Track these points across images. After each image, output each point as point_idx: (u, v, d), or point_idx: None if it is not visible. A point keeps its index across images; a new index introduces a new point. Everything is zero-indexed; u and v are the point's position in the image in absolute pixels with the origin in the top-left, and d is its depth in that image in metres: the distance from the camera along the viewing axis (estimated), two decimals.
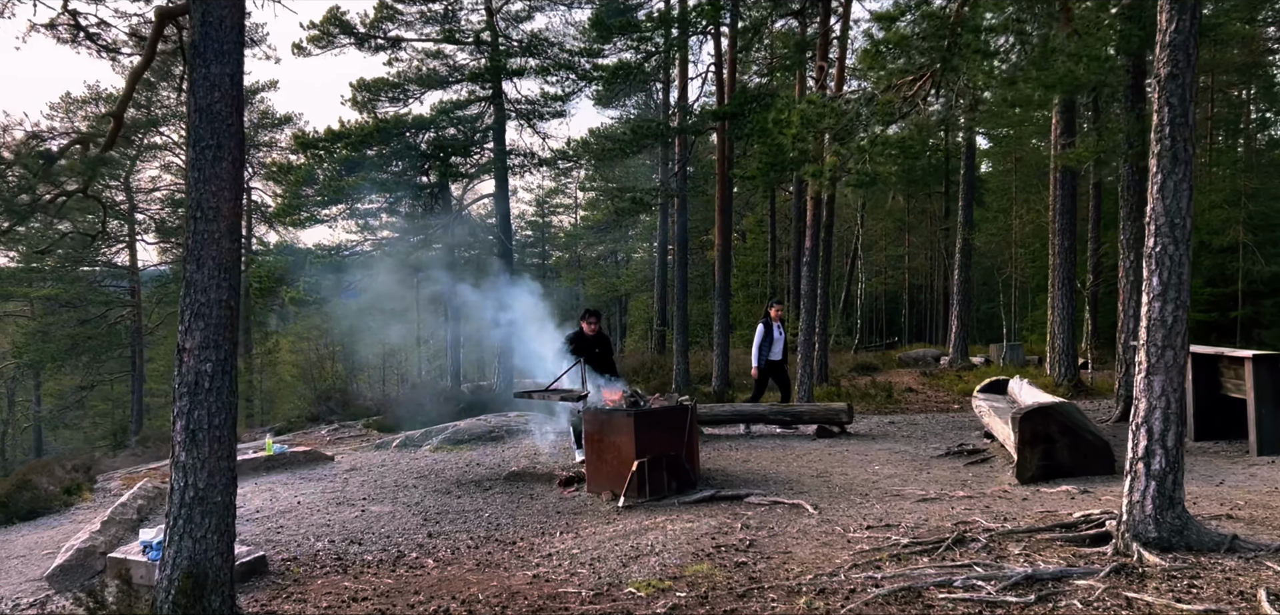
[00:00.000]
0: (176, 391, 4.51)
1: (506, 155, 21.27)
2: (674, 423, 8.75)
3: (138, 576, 6.43)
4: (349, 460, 11.77)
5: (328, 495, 9.42)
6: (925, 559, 5.69)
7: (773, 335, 13.37)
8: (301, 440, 15.16)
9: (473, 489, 9.38)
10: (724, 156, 18.92)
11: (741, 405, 12.71)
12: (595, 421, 8.86)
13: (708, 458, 10.44)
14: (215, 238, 4.48)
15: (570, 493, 8.98)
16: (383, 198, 21.86)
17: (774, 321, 13.45)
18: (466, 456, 11.44)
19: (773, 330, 13.37)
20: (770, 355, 13.36)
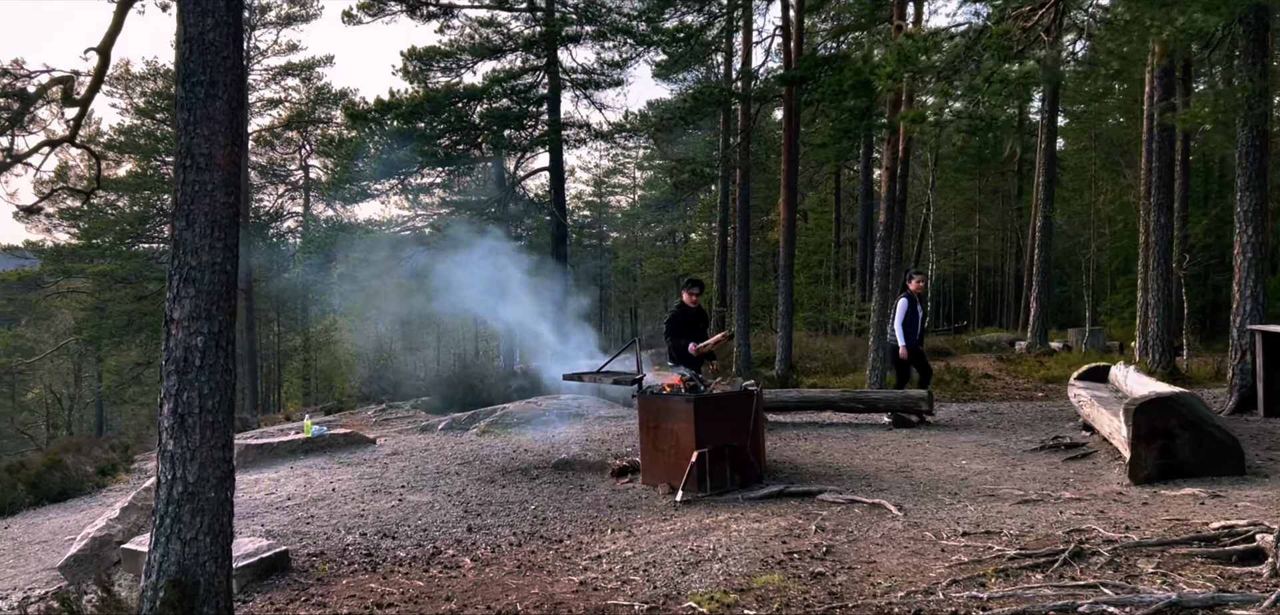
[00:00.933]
0: (163, 370, 3.92)
1: (562, 127, 20.62)
2: (738, 410, 8.02)
3: None
4: (392, 443, 11.26)
5: (365, 482, 8.88)
6: (1038, 575, 4.89)
7: (917, 311, 11.67)
8: (348, 421, 14.75)
9: (518, 477, 8.77)
10: (791, 125, 17.99)
11: (809, 390, 11.88)
12: (650, 408, 8.17)
13: (774, 448, 9.69)
14: (207, 190, 3.87)
15: (624, 484, 8.31)
16: (434, 172, 21.38)
17: (916, 296, 11.75)
18: (514, 441, 10.85)
19: (917, 305, 11.67)
20: (915, 338, 11.72)
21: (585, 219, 58.73)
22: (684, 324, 9.42)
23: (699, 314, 9.62)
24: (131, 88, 38.17)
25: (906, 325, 11.51)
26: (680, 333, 9.36)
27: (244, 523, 7.58)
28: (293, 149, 41.79)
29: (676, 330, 9.41)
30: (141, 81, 37.88)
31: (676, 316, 9.54)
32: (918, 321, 11.63)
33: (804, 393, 11.56)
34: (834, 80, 12.64)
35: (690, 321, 9.43)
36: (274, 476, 9.35)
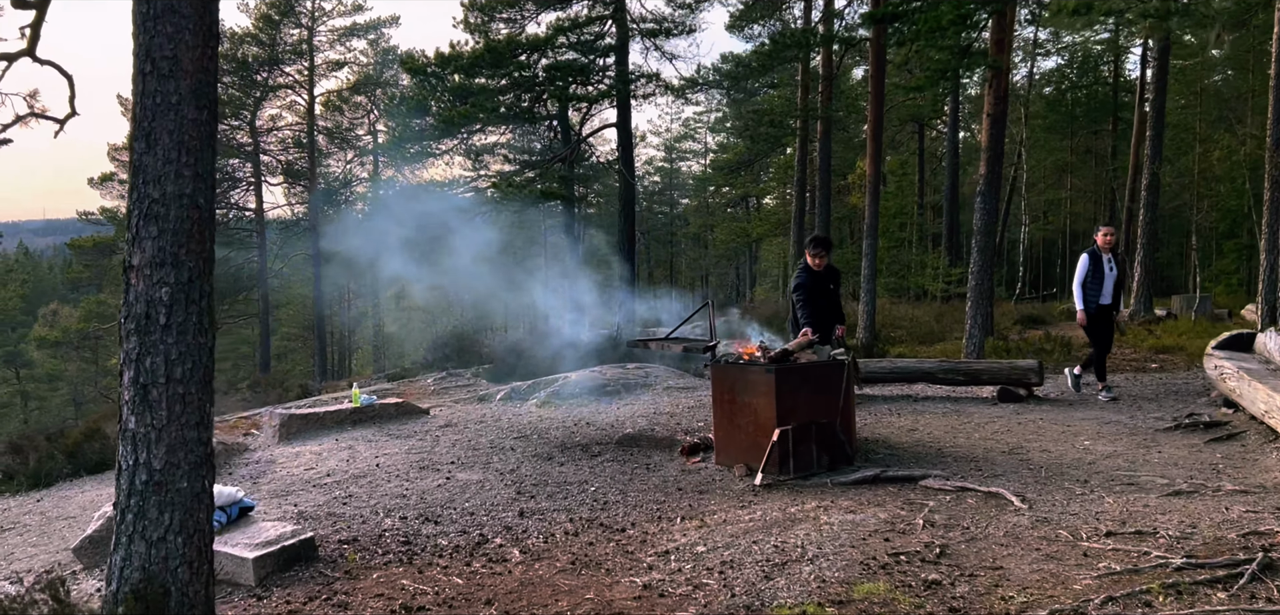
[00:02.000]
0: (122, 328, 3.17)
1: (629, 79, 19.67)
2: (826, 382, 7.10)
3: None
4: (446, 413, 10.60)
5: (412, 457, 8.20)
6: (1220, 593, 3.92)
7: (1102, 269, 9.89)
8: (406, 389, 14.20)
9: (578, 455, 7.99)
10: (878, 69, 16.69)
11: (902, 360, 10.84)
12: (725, 379, 7.30)
13: (864, 424, 8.75)
14: (172, 103, 3.10)
15: (695, 464, 7.47)
16: (498, 131, 20.69)
17: (1104, 252, 9.96)
18: (575, 413, 10.08)
19: (1102, 263, 9.90)
20: (1102, 299, 9.94)
21: (656, 186, 57.85)
22: (813, 290, 8.32)
23: (829, 274, 8.49)
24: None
25: (1086, 285, 9.88)
26: (810, 301, 8.30)
27: (277, 502, 6.95)
28: (361, 113, 41.65)
29: (808, 298, 8.33)
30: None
31: (804, 283, 8.44)
32: (1103, 281, 9.89)
33: (896, 363, 10.54)
34: (931, 15, 11.50)
35: (819, 286, 8.36)
36: (317, 449, 8.74)
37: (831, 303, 8.32)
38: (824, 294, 8.30)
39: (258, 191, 40.76)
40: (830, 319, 8.20)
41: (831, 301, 8.33)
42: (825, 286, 8.34)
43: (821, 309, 8.11)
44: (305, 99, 39.15)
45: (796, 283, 8.42)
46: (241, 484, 7.55)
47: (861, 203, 37.11)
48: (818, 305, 8.13)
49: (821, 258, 8.30)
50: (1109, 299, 9.96)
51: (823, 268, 8.34)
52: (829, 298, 8.34)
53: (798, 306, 8.14)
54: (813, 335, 7.61)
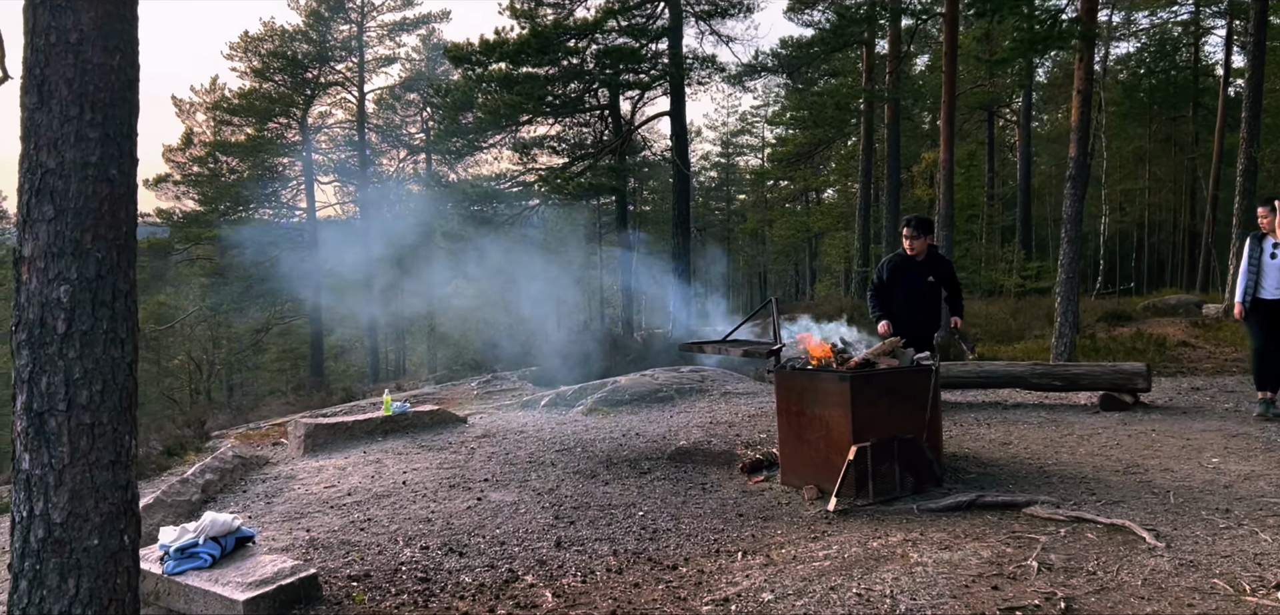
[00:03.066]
0: (13, 339, 2.45)
1: (685, 66, 18.81)
2: (910, 391, 6.23)
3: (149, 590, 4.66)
4: (485, 421, 9.89)
5: (444, 473, 7.49)
6: None
7: (1262, 256, 8.11)
8: (451, 392, 13.58)
9: (626, 471, 7.20)
10: (952, 44, 15.55)
11: (991, 364, 9.85)
12: (792, 388, 6.46)
13: (949, 436, 7.84)
14: (70, 42, 2.38)
15: (757, 483, 6.64)
16: (546, 123, 19.99)
17: (1268, 236, 8.14)
18: (625, 422, 9.30)
19: (1263, 249, 8.12)
20: (1262, 291, 8.12)
21: (712, 182, 56.92)
22: (892, 282, 7.49)
23: (931, 264, 7.50)
24: (251, 50, 38.36)
25: (1248, 274, 8.12)
26: (884, 293, 7.44)
27: (288, 527, 6.27)
28: (413, 111, 41.39)
29: (882, 290, 7.48)
30: (259, 42, 38.00)
31: (881, 275, 7.60)
32: (1266, 270, 8.08)
33: (981, 365, 9.57)
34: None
35: (910, 277, 7.48)
36: (341, 464, 8.08)
37: (928, 297, 7.37)
38: (917, 286, 7.38)
39: (309, 191, 40.73)
40: (921, 316, 7.24)
41: (929, 295, 7.37)
42: (921, 278, 7.41)
43: (911, 303, 7.21)
44: (355, 96, 38.97)
45: (877, 272, 7.57)
46: (254, 504, 6.91)
47: (928, 194, 35.83)
48: (901, 298, 7.23)
49: (918, 240, 7.38)
50: (1276, 292, 8.06)
51: (921, 254, 7.42)
52: (925, 291, 7.39)
53: (871, 298, 7.28)
54: (891, 333, 6.75)
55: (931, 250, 7.55)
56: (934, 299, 7.37)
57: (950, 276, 7.52)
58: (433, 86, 20.53)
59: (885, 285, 7.59)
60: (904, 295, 7.49)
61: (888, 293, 7.56)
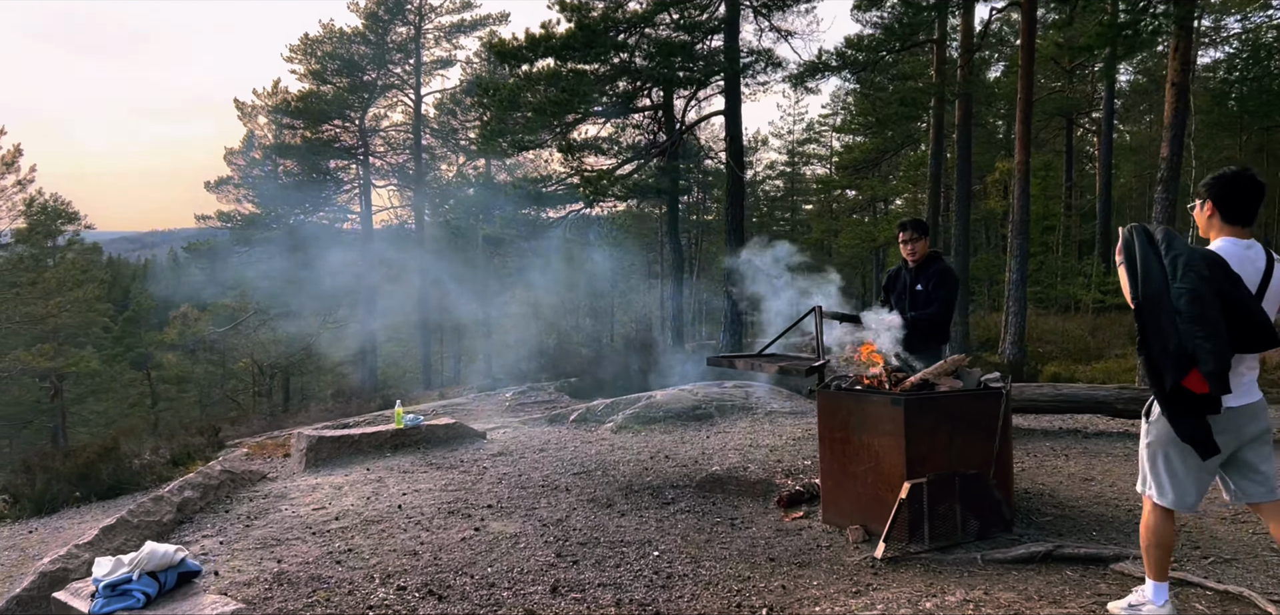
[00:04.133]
0: None
1: (739, 58, 17.89)
2: (976, 419, 5.33)
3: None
4: (506, 437, 9.18)
5: (446, 495, 6.78)
6: None
7: None
8: (482, 403, 12.93)
9: (646, 501, 6.40)
10: (1030, 31, 14.29)
11: (1069, 387, 8.80)
12: (836, 411, 5.61)
13: (1022, 469, 6.93)
14: None
15: (794, 520, 5.81)
16: (596, 123, 19.29)
17: None
18: (655, 442, 8.50)
19: None
20: None
21: (777, 191, 55.86)
22: (894, 290, 6.74)
23: (925, 271, 6.59)
24: (309, 53, 38.46)
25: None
26: (887, 304, 6.68)
27: (257, 556, 5.60)
28: (472, 115, 41.12)
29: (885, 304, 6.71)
30: (317, 45, 38.05)
31: (893, 274, 6.83)
32: None
33: (1059, 389, 8.51)
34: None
35: (905, 286, 6.65)
36: (340, 481, 7.42)
37: (918, 309, 6.44)
38: (906, 296, 6.52)
39: (366, 195, 40.69)
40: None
41: (919, 307, 6.45)
42: (911, 287, 6.54)
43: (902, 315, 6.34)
44: (412, 99, 38.81)
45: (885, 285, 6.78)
46: (231, 527, 6.27)
47: (1001, 206, 34.32)
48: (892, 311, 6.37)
49: (912, 244, 6.53)
50: None
51: (918, 260, 6.54)
52: (915, 302, 6.48)
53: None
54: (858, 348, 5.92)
55: (933, 259, 6.63)
56: (920, 310, 6.44)
57: (938, 289, 6.41)
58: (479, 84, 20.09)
59: (885, 297, 6.79)
60: (897, 303, 6.61)
61: (887, 305, 6.72)
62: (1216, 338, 3.09)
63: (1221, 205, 3.45)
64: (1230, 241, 3.40)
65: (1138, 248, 3.38)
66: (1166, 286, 3.20)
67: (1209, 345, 3.09)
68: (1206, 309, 3.11)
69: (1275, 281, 3.36)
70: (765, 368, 6.11)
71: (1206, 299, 3.12)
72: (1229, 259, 3.28)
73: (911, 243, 6.55)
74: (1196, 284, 3.13)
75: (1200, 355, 3.10)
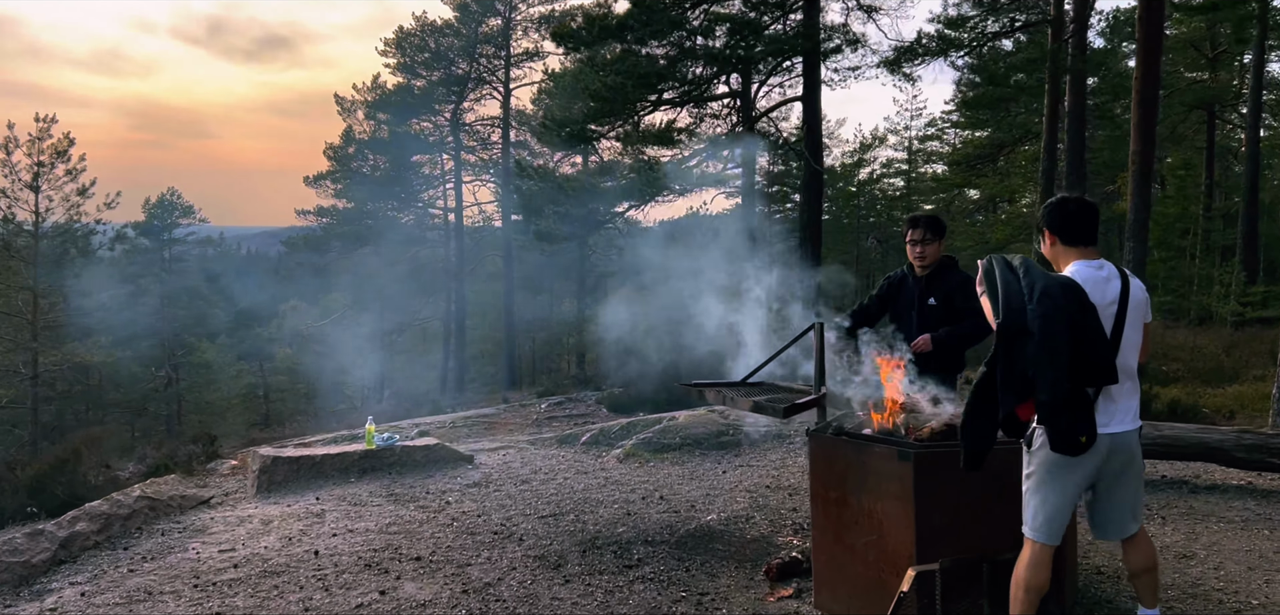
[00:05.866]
0: None
1: (822, 44, 16.38)
2: (1011, 480, 3.96)
3: None
4: (496, 461, 8.09)
5: (380, 540, 5.73)
6: None
7: None
8: (509, 416, 11.93)
9: (607, 561, 5.20)
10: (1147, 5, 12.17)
11: (1171, 426, 7.11)
12: (832, 461, 4.33)
13: (1092, 541, 5.40)
14: None
15: (779, 601, 4.53)
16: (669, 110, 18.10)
17: None
18: (658, 476, 7.26)
19: None
20: None
21: (896, 191, 53.55)
22: (892, 301, 5.34)
23: (941, 282, 5.10)
24: (403, 46, 38.42)
25: None
26: (880, 317, 5.31)
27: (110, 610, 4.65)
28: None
29: (866, 314, 5.31)
30: (409, 38, 37.96)
31: (893, 281, 5.42)
32: None
33: (1160, 429, 6.83)
34: None
35: (909, 297, 5.20)
36: (277, 513, 6.46)
37: (927, 328, 5.00)
38: (912, 310, 5.08)
39: (458, 191, 40.48)
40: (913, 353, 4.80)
41: (927, 326, 5.01)
42: (919, 299, 5.08)
43: (902, 334, 4.89)
44: (501, 93, 38.35)
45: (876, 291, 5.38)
46: (108, 573, 5.35)
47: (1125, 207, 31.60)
48: (892, 327, 5.01)
49: (923, 247, 5.06)
50: None
51: (928, 267, 5.09)
52: (922, 319, 5.05)
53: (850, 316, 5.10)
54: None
55: (948, 265, 5.15)
56: (932, 330, 4.90)
57: (967, 301, 4.80)
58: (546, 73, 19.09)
59: (877, 303, 5.32)
60: (898, 320, 5.17)
61: (877, 313, 5.28)
62: (1057, 368, 3.15)
63: (1060, 232, 3.54)
64: (1082, 265, 3.45)
65: (998, 274, 3.34)
66: (1025, 311, 3.21)
67: (1049, 374, 3.15)
68: (1056, 336, 3.15)
69: (1134, 299, 3.45)
70: (738, 403, 4.82)
71: (1057, 325, 3.16)
72: (1084, 284, 3.31)
73: (921, 244, 5.07)
74: (1049, 308, 3.17)
75: (1040, 383, 3.16)
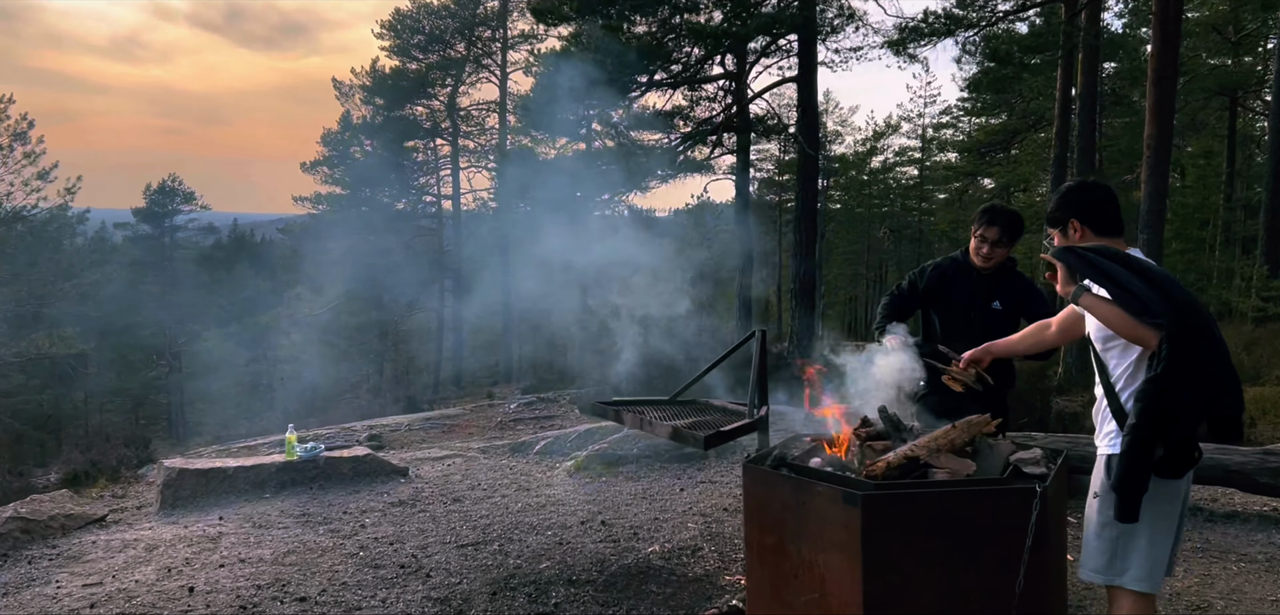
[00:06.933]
0: None
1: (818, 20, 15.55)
2: (990, 531, 3.24)
3: None
4: (433, 473, 7.39)
5: (270, 573, 5.05)
6: None
7: None
8: (472, 420, 11.24)
9: (519, 605, 4.47)
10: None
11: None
12: (767, 505, 3.61)
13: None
14: None
15: None
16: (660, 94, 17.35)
17: None
18: (603, 496, 6.54)
19: None
20: None
21: (910, 180, 52.65)
22: (946, 295, 4.46)
23: (1007, 284, 4.36)
24: (398, 28, 37.72)
25: None
26: (927, 310, 4.50)
27: None
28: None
29: (903, 301, 4.46)
30: (406, 19, 37.25)
31: (946, 272, 4.49)
32: None
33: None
34: None
35: (971, 294, 4.37)
36: (169, 536, 5.78)
37: (988, 333, 4.09)
38: (973, 310, 4.30)
39: (454, 177, 39.77)
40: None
41: (989, 331, 4.09)
42: (982, 299, 4.31)
43: (958, 335, 4.08)
44: (498, 76, 37.61)
45: (912, 274, 4.57)
46: None
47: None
48: (941, 325, 4.28)
49: (995, 247, 4.27)
50: None
51: (992, 265, 4.31)
52: (984, 322, 4.22)
53: (884, 307, 4.28)
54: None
55: (1010, 266, 4.39)
56: (997, 337, 4.06)
57: (1034, 312, 4.14)
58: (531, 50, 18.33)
59: (915, 295, 4.49)
60: (948, 321, 4.39)
61: (915, 307, 4.50)
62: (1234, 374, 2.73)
63: (1094, 222, 3.13)
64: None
65: (1102, 261, 2.85)
66: (1194, 306, 2.72)
67: (1236, 383, 2.73)
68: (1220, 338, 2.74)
69: None
70: (656, 428, 4.07)
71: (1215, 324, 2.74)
72: None
73: (991, 246, 4.28)
74: (1199, 301, 2.77)
75: (1229, 394, 2.72)
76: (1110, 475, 2.92)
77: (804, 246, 15.02)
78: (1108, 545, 3.00)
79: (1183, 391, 2.67)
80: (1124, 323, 2.79)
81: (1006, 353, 3.81)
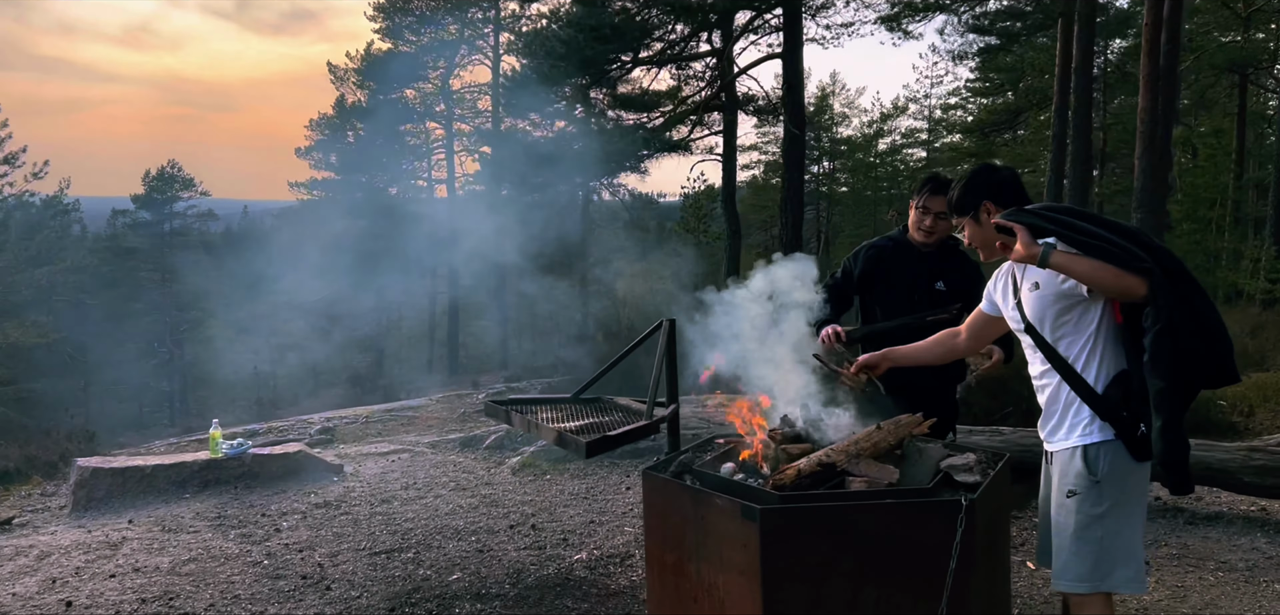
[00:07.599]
0: None
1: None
2: (912, 550, 2.85)
3: None
4: (371, 471, 7.02)
5: (161, 585, 4.69)
6: None
7: None
8: (437, 411, 10.87)
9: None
10: None
11: None
12: (667, 514, 3.23)
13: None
14: None
15: None
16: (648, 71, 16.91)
17: None
18: (540, 496, 6.16)
19: None
20: None
21: (918, 163, 52.15)
22: (884, 277, 4.03)
23: (949, 261, 3.94)
24: (391, 9, 37.31)
25: None
26: (864, 294, 4.09)
27: None
28: None
29: (838, 290, 4.03)
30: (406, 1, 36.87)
31: (882, 253, 4.09)
32: None
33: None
34: None
35: (911, 274, 3.95)
36: (71, 540, 5.42)
37: (916, 323, 3.73)
38: (915, 291, 3.88)
39: (448, 160, 39.36)
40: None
41: (917, 322, 3.75)
42: (924, 279, 3.89)
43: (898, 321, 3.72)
44: (491, 57, 37.13)
45: (847, 260, 4.14)
46: None
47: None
48: (881, 310, 3.89)
49: (935, 220, 3.84)
50: None
51: (930, 240, 3.89)
52: (925, 304, 3.84)
53: (823, 298, 3.79)
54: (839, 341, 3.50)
55: (954, 245, 3.93)
56: (942, 323, 3.62)
57: (973, 292, 3.59)
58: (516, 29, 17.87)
59: (850, 282, 4.07)
60: (889, 306, 3.95)
61: (852, 295, 4.09)
62: None
63: (1008, 204, 2.84)
64: None
65: (1053, 211, 2.65)
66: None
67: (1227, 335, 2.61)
68: None
69: None
70: (542, 430, 3.67)
71: None
72: None
73: (937, 217, 3.84)
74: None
75: (1221, 332, 2.58)
76: (1091, 468, 2.70)
77: (790, 227, 14.59)
78: (1092, 549, 2.73)
79: (1192, 337, 2.49)
80: (1109, 274, 2.55)
81: (909, 360, 3.40)
